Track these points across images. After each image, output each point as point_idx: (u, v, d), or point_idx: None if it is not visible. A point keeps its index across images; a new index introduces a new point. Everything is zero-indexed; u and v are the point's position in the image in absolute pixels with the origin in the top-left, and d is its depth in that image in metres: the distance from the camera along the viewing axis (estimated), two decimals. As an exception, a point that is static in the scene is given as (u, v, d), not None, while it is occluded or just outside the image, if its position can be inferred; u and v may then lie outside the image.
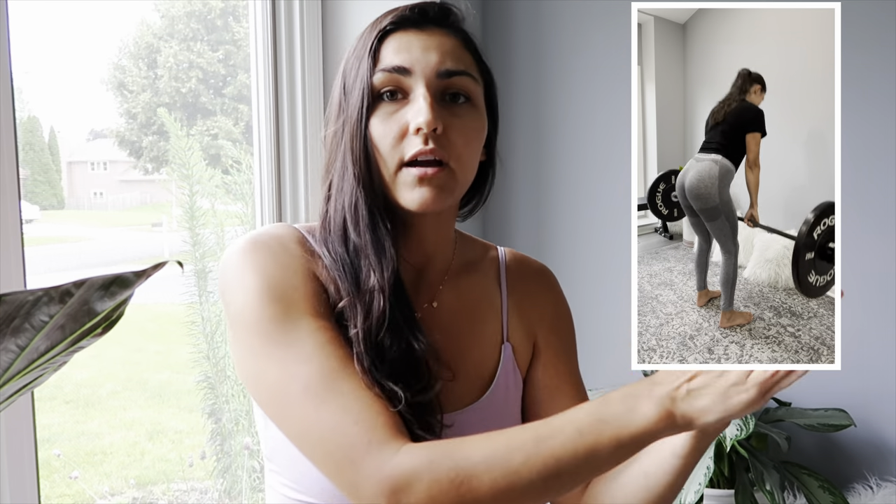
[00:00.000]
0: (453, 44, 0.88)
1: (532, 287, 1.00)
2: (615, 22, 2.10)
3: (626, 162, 2.08)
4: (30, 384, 0.53)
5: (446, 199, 0.85)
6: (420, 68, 0.84)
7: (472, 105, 0.87)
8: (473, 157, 0.87)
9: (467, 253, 0.98)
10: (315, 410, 0.76)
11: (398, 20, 0.87)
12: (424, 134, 0.82)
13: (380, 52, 0.85)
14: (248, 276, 0.82)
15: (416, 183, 0.83)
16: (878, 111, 1.91)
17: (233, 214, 1.85)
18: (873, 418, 1.97)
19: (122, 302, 0.51)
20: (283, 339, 0.79)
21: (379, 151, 0.84)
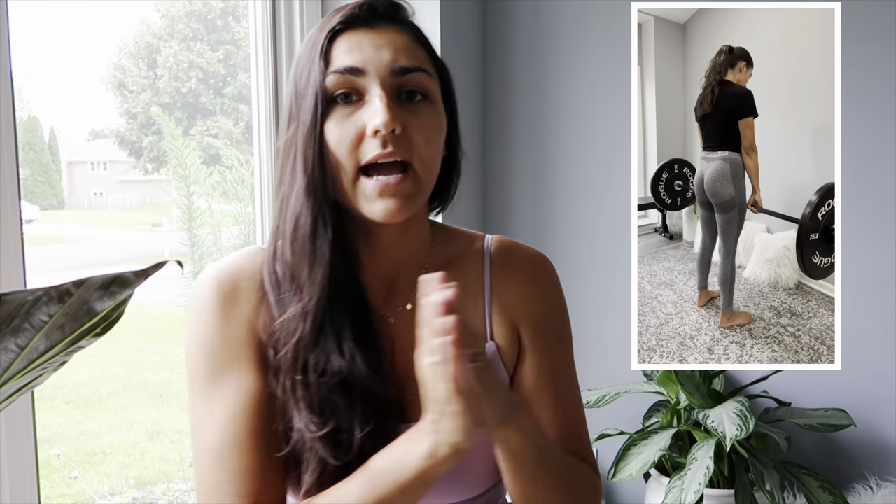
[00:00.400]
0: (405, 40, 0.84)
1: (517, 279, 0.93)
2: (615, 22, 2.10)
3: (626, 162, 2.08)
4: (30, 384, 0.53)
5: (411, 207, 0.82)
6: (373, 67, 0.81)
7: (430, 102, 0.84)
8: (435, 156, 0.84)
9: (448, 249, 0.94)
10: (206, 473, 0.83)
11: (347, 19, 0.83)
12: (383, 136, 0.79)
13: (331, 54, 0.82)
14: (194, 326, 0.86)
15: (378, 194, 0.80)
16: (879, 110, 1.91)
17: (230, 214, 1.85)
18: (873, 418, 1.97)
19: (122, 302, 0.51)
20: (206, 396, 0.84)
21: (336, 157, 0.81)
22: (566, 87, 2.17)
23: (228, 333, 0.84)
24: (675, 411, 1.91)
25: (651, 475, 1.95)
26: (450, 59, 2.23)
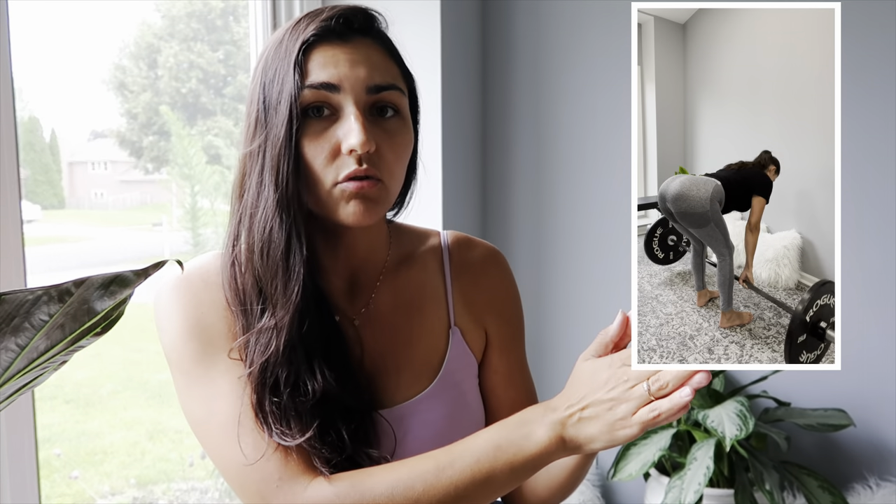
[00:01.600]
0: (379, 55, 0.84)
1: (478, 272, 0.98)
2: (615, 22, 2.10)
3: (626, 162, 2.08)
4: (30, 383, 0.53)
5: (379, 212, 0.84)
6: (349, 84, 0.81)
7: (401, 118, 0.85)
8: (402, 169, 0.87)
9: (403, 247, 0.97)
10: (231, 446, 0.81)
11: (321, 32, 0.82)
12: (358, 155, 0.80)
13: (306, 66, 0.82)
14: (172, 316, 0.86)
15: (351, 197, 0.81)
16: (879, 109, 1.91)
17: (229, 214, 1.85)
18: (873, 418, 1.97)
19: (122, 301, 0.51)
20: (202, 378, 0.84)
21: (311, 171, 0.81)
22: (566, 88, 2.17)
23: (209, 318, 0.85)
24: (675, 411, 1.91)
25: (651, 475, 1.95)
26: (450, 60, 2.23)
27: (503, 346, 0.99)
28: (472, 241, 1.01)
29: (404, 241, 0.98)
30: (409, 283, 0.95)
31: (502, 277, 1.01)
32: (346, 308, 0.91)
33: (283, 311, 0.81)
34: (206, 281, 0.86)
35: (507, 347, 0.99)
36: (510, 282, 1.02)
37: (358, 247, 0.91)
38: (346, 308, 0.91)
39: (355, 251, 0.91)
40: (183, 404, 0.86)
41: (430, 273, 0.96)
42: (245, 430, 0.81)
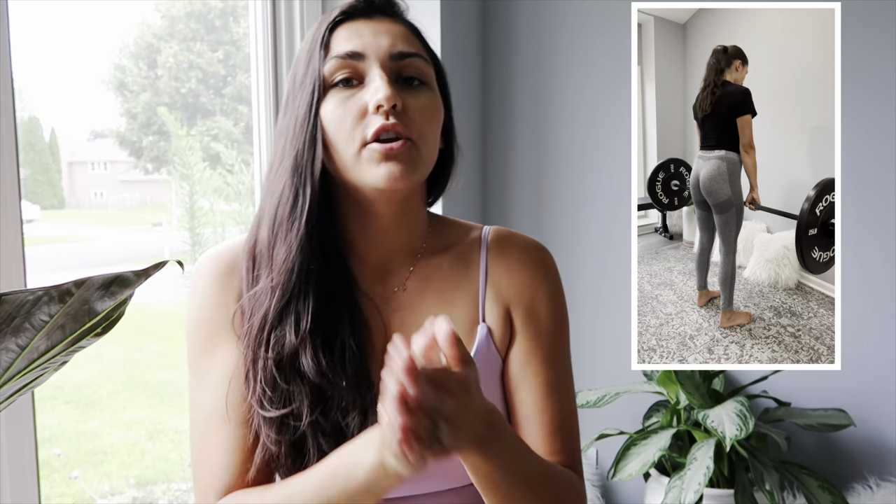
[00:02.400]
0: (403, 30, 0.88)
1: (511, 264, 0.94)
2: (615, 22, 2.10)
3: (626, 162, 2.08)
4: (30, 384, 0.53)
5: (412, 174, 0.83)
6: (373, 52, 0.84)
7: (427, 87, 0.87)
8: (434, 137, 0.87)
9: (442, 238, 0.95)
10: (198, 442, 0.87)
11: (347, 11, 0.87)
12: (385, 111, 0.81)
13: (330, 44, 0.85)
14: (191, 303, 0.90)
15: (382, 158, 0.81)
16: (879, 109, 1.91)
17: (229, 214, 1.85)
18: (873, 418, 1.97)
19: (123, 302, 0.51)
20: (199, 369, 0.88)
21: (335, 137, 0.83)
22: (566, 88, 2.17)
23: (220, 309, 0.87)
24: (675, 411, 1.91)
25: (651, 475, 1.95)
26: (450, 60, 2.23)
27: (524, 346, 0.92)
28: (514, 234, 0.98)
29: (444, 233, 0.96)
30: (441, 271, 0.93)
31: (537, 272, 0.94)
32: (373, 289, 0.90)
33: (278, 270, 0.83)
34: (232, 265, 0.89)
35: (526, 345, 0.92)
36: (546, 278, 0.95)
37: (390, 231, 0.90)
38: (374, 289, 0.90)
39: (388, 236, 0.90)
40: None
41: (466, 265, 0.94)
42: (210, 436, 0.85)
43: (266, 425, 0.82)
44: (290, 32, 1.69)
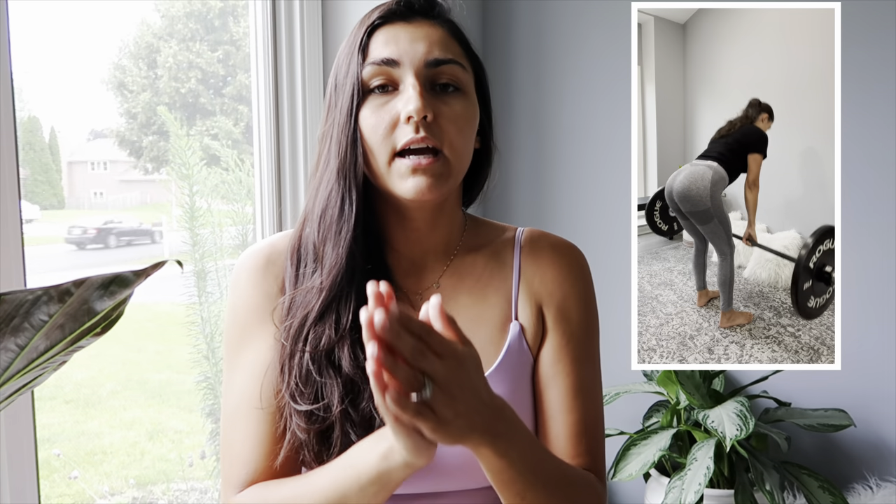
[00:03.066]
0: (440, 34, 0.88)
1: (543, 263, 0.95)
2: (615, 22, 2.10)
3: (626, 162, 2.08)
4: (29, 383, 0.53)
5: (441, 187, 0.85)
6: (408, 59, 0.85)
7: (462, 93, 0.87)
8: (466, 145, 0.87)
9: (477, 237, 0.97)
10: (226, 432, 0.88)
11: (386, 14, 0.88)
12: (415, 122, 0.82)
13: (369, 47, 0.87)
14: (231, 295, 0.92)
15: (410, 172, 0.83)
16: (879, 109, 1.91)
17: (227, 214, 1.85)
18: (873, 418, 1.97)
19: (122, 301, 0.51)
20: (233, 359, 0.90)
21: (370, 142, 0.85)
22: (566, 87, 2.17)
23: (256, 303, 0.89)
24: (675, 411, 1.91)
25: (651, 475, 1.95)
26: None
27: (553, 342, 0.93)
28: (547, 234, 1.00)
29: (479, 233, 0.98)
30: (475, 269, 0.94)
31: (569, 271, 0.95)
32: (408, 287, 0.92)
33: (329, 271, 0.85)
34: (270, 260, 0.91)
35: (557, 343, 0.93)
36: (578, 278, 0.96)
37: (426, 230, 0.92)
38: (409, 287, 0.92)
39: (423, 234, 0.92)
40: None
41: (500, 263, 0.96)
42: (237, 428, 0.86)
43: (297, 415, 0.83)
44: (290, 32, 1.69)
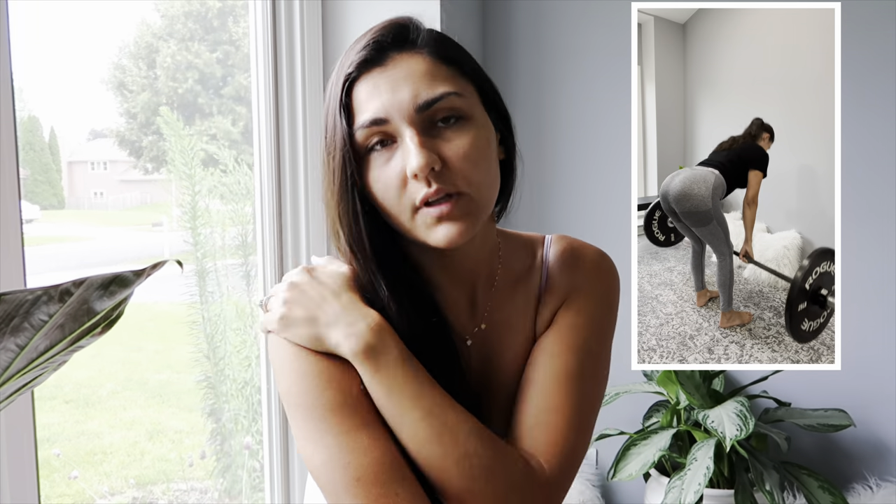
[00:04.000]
0: (424, 66, 0.80)
1: (568, 274, 0.92)
2: (615, 22, 2.10)
3: (626, 162, 2.08)
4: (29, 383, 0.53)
5: (472, 227, 0.80)
6: (396, 111, 0.78)
7: (465, 120, 0.81)
8: (487, 175, 0.81)
9: (514, 262, 0.92)
10: (373, 502, 0.76)
11: (360, 63, 0.81)
12: (424, 177, 0.77)
13: (352, 105, 0.81)
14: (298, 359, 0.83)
15: (436, 222, 0.79)
16: (879, 108, 1.91)
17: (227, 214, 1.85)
18: (873, 418, 1.97)
19: (122, 301, 0.51)
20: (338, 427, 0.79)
21: (387, 204, 0.80)
22: (566, 87, 2.17)
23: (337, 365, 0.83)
24: (675, 411, 1.91)
25: (651, 475, 1.95)
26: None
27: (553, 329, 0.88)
28: (576, 245, 0.95)
29: (514, 256, 0.93)
30: (514, 300, 0.91)
31: (590, 273, 0.92)
32: (461, 326, 0.88)
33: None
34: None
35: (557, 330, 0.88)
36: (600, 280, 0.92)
37: (466, 258, 0.87)
38: (462, 326, 0.88)
39: (465, 265, 0.87)
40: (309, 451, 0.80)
41: (531, 286, 0.92)
42: (386, 490, 0.76)
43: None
44: (289, 32, 1.69)
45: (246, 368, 1.89)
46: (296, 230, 1.71)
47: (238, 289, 1.88)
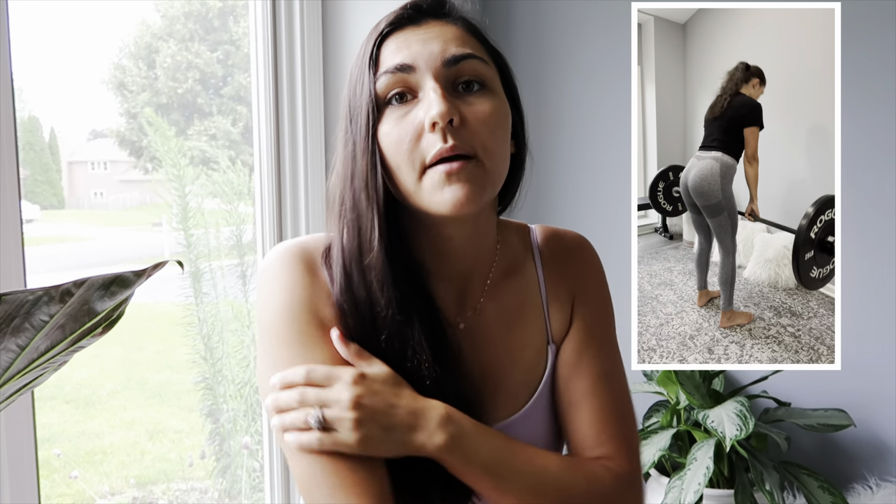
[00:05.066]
0: (455, 31, 0.81)
1: (565, 264, 0.93)
2: (615, 22, 2.10)
3: (626, 162, 2.08)
4: (30, 384, 0.53)
5: (480, 194, 0.77)
6: (423, 61, 0.77)
7: (489, 90, 0.80)
8: (501, 147, 0.80)
9: (509, 254, 0.92)
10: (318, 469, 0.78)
11: (394, 21, 0.81)
12: (441, 129, 0.75)
13: (380, 58, 0.79)
14: (277, 288, 0.83)
15: (445, 181, 0.76)
16: (879, 109, 1.91)
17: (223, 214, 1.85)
18: (873, 418, 1.97)
19: (122, 301, 0.51)
20: (301, 356, 0.80)
21: (395, 160, 0.78)
22: (566, 87, 2.17)
23: (314, 303, 0.81)
24: (675, 411, 1.91)
25: (651, 475, 1.95)
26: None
27: (575, 332, 0.90)
28: (558, 234, 0.97)
29: (508, 247, 0.93)
30: (511, 291, 0.90)
31: (584, 262, 0.95)
32: (452, 312, 0.87)
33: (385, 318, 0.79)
34: (313, 261, 0.84)
35: (579, 333, 0.90)
36: (592, 266, 0.95)
37: (463, 250, 0.86)
38: (453, 312, 0.87)
39: (461, 255, 0.86)
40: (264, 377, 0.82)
41: (528, 279, 0.92)
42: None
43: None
44: (290, 32, 1.69)
45: (244, 369, 1.89)
46: (296, 230, 1.71)
47: (234, 289, 1.88)
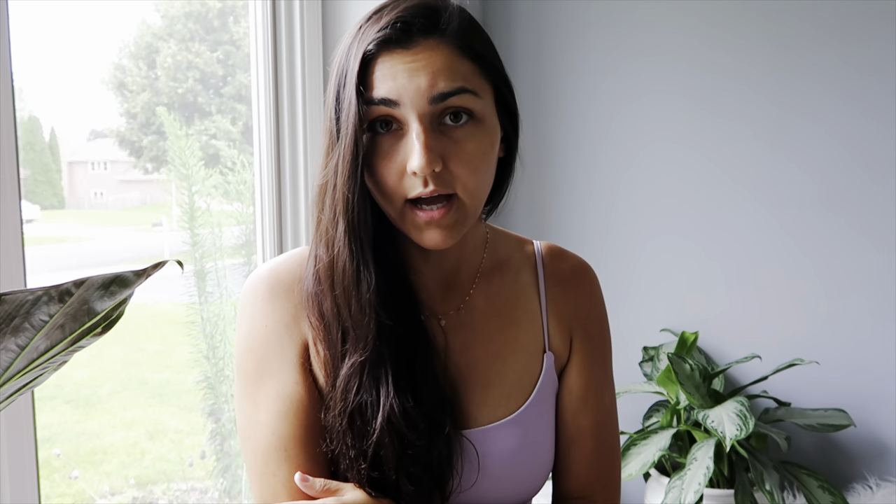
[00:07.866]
0: (445, 57, 0.77)
1: (568, 285, 0.94)
2: (615, 22, 2.10)
3: (626, 161, 2.08)
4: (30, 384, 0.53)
5: (459, 231, 0.81)
6: (409, 98, 0.76)
7: (476, 122, 0.79)
8: (482, 181, 0.81)
9: (499, 251, 0.94)
10: (258, 479, 0.84)
11: (383, 40, 0.77)
12: (423, 176, 0.76)
13: (367, 79, 0.78)
14: (242, 322, 0.87)
15: (424, 226, 0.79)
16: (879, 111, 1.91)
17: (231, 214, 1.85)
18: (873, 418, 1.97)
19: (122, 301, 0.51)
20: (251, 396, 0.85)
21: (380, 188, 0.79)
22: (566, 88, 2.17)
23: (271, 333, 0.84)
24: (675, 411, 1.91)
25: (651, 475, 1.95)
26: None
27: (583, 366, 0.93)
28: (565, 252, 0.98)
29: (501, 246, 0.95)
30: (502, 290, 0.92)
31: (591, 292, 0.96)
32: (436, 308, 0.88)
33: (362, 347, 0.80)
34: (281, 284, 0.86)
35: (587, 367, 0.93)
36: (598, 297, 0.97)
37: (450, 253, 0.88)
38: (436, 308, 0.88)
39: (447, 255, 0.88)
40: (236, 408, 0.88)
41: (524, 283, 0.93)
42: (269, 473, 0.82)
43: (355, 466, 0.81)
44: (290, 32, 1.69)
45: (246, 368, 1.88)
46: (296, 230, 1.71)
47: (238, 288, 1.88)
